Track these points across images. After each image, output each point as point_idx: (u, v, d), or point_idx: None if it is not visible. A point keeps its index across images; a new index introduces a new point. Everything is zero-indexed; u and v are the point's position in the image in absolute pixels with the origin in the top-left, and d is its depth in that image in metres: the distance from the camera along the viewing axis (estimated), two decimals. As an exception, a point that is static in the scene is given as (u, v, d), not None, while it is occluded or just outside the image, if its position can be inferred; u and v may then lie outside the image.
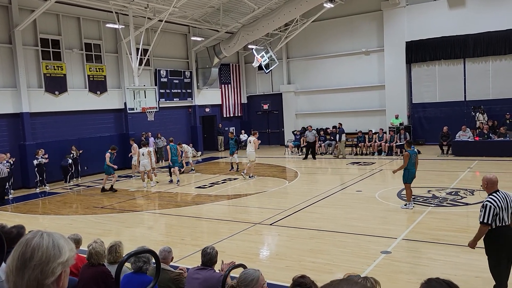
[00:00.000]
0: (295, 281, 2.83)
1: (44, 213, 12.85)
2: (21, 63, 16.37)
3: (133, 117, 20.31)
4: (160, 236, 9.71)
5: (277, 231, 9.49)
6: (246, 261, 5.93)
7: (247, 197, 13.38)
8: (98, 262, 4.56)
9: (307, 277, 2.94)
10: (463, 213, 10.07)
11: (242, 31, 21.94)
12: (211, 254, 4.85)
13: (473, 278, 6.29)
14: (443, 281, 1.96)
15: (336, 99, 25.19)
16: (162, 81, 22.38)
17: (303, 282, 2.81)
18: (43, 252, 1.44)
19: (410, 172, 10.32)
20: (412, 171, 10.34)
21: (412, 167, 10.35)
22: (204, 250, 4.93)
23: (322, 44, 25.42)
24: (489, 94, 21.38)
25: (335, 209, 11.09)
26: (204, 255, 4.86)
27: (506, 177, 14.02)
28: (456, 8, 21.50)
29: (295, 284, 2.78)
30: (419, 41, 22.42)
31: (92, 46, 19.28)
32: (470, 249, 5.67)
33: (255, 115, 28.64)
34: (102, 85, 19.60)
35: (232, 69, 27.51)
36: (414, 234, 8.61)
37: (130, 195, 14.40)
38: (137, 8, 17.38)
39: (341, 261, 7.30)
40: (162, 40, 21.20)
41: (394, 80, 23.07)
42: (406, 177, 10.35)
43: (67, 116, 18.22)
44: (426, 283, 1.99)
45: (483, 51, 21.14)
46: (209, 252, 4.86)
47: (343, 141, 20.75)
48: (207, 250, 4.89)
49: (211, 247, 4.96)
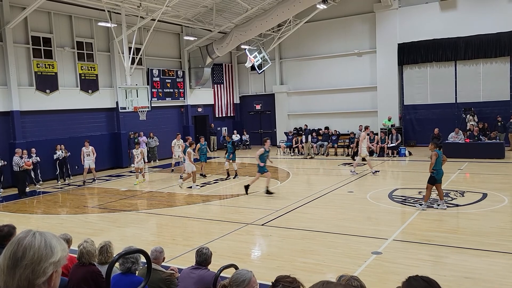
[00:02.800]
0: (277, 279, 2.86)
1: (34, 212, 12.74)
2: (11, 61, 16.22)
3: (125, 117, 20.22)
4: (151, 236, 9.67)
5: (269, 232, 9.50)
6: (237, 261, 5.92)
7: (239, 197, 13.37)
8: (89, 262, 4.54)
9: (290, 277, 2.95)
10: (453, 214, 10.15)
11: (235, 31, 21.93)
12: (207, 254, 4.94)
13: (462, 278, 6.35)
14: (422, 278, 2.01)
15: (328, 100, 25.27)
16: (154, 81, 22.30)
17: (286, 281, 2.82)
18: (35, 251, 1.42)
19: (439, 172, 10.42)
20: (440, 171, 10.46)
21: (440, 167, 10.47)
22: (200, 250, 4.99)
23: (315, 45, 25.49)
24: (479, 97, 21.58)
25: (326, 209, 11.12)
26: (199, 255, 4.93)
27: (496, 178, 14.18)
28: (447, 11, 21.69)
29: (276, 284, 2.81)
30: (411, 43, 22.58)
31: (84, 45, 19.15)
32: (460, 250, 5.73)
33: (247, 115, 28.64)
34: (93, 84, 19.48)
35: (224, 69, 27.49)
36: (405, 235, 8.67)
37: (121, 195, 14.33)
38: (129, 7, 17.30)
39: (332, 262, 7.33)
40: (155, 39, 21.12)
41: (386, 82, 23.21)
42: (435, 178, 10.42)
43: (58, 115, 18.07)
44: (406, 281, 2.03)
45: (474, 53, 21.35)
46: (205, 252, 4.94)
47: (309, 142, 21.45)
48: (203, 251, 4.96)
49: (206, 248, 5.03)
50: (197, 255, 4.97)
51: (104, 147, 19.78)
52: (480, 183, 13.68)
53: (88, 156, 16.71)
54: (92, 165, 16.78)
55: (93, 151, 16.85)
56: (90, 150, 16.77)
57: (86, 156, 16.69)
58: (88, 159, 16.70)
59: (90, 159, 16.72)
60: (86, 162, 16.67)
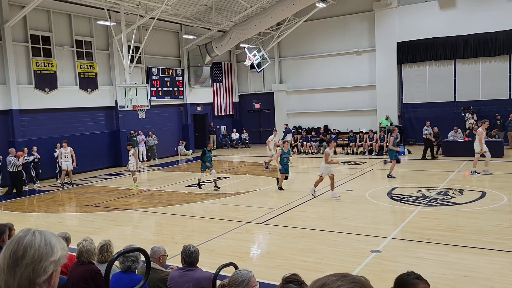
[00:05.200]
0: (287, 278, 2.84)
1: (33, 211, 12.74)
2: (10, 60, 16.19)
3: (124, 115, 20.20)
4: (150, 235, 9.67)
5: (268, 230, 9.50)
6: (237, 260, 5.93)
7: (238, 195, 13.38)
8: (88, 260, 4.54)
9: (298, 275, 2.95)
10: (452, 213, 10.16)
11: (234, 29, 21.91)
12: (195, 252, 4.71)
13: (461, 277, 6.36)
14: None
15: (327, 98, 25.27)
16: (153, 79, 22.28)
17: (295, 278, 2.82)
18: (35, 250, 1.42)
19: None
20: None
21: None
22: (187, 249, 4.72)
23: (314, 44, 25.48)
24: (478, 95, 21.60)
25: (326, 208, 11.13)
26: (188, 255, 4.69)
27: (495, 177, 14.19)
28: (446, 10, 21.69)
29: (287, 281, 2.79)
30: (410, 42, 22.57)
31: (83, 43, 19.13)
32: (459, 248, 5.74)
33: (246, 114, 28.63)
34: (93, 83, 19.45)
35: (224, 68, 27.47)
36: (404, 234, 8.68)
37: (120, 193, 14.32)
38: (128, 6, 17.28)
39: (332, 260, 7.34)
40: (154, 38, 21.09)
41: (385, 80, 23.21)
42: None
43: (57, 113, 18.05)
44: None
45: (473, 52, 21.35)
46: (193, 250, 4.71)
47: (289, 140, 21.13)
48: (191, 249, 4.71)
49: (191, 245, 4.78)
50: (185, 255, 4.70)
51: (103, 145, 19.79)
52: (479, 182, 13.69)
53: (67, 158, 15.83)
54: (70, 167, 15.86)
55: (71, 152, 15.95)
56: (69, 151, 15.91)
57: (64, 157, 15.82)
58: (66, 160, 15.81)
59: (68, 160, 15.84)
60: (64, 164, 15.75)
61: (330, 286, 1.22)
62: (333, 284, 1.20)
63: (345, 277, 1.23)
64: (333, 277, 1.24)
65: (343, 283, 1.20)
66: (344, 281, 1.21)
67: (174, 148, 23.77)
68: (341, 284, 1.20)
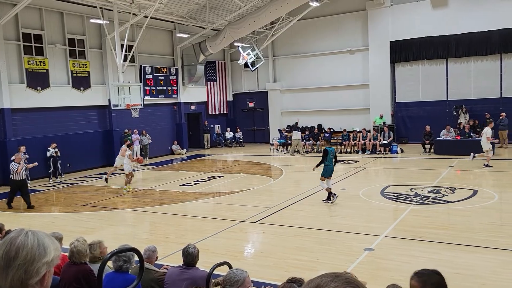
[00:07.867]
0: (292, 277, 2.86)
1: (25, 210, 12.64)
2: (2, 58, 16.04)
3: (117, 114, 20.10)
4: (144, 234, 9.65)
5: (262, 229, 9.52)
6: (230, 259, 5.94)
7: (232, 194, 13.38)
8: (80, 261, 4.52)
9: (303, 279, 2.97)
10: (444, 211, 10.24)
11: (228, 28, 21.88)
12: (194, 253, 4.77)
13: (453, 274, 6.41)
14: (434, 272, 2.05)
15: (321, 97, 25.33)
16: (147, 78, 22.19)
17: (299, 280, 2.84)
18: (28, 251, 1.41)
19: None
20: None
21: None
22: (186, 250, 4.79)
23: (308, 43, 25.52)
24: (470, 94, 21.76)
25: (319, 207, 11.16)
26: (186, 256, 4.75)
27: (486, 175, 14.32)
28: (439, 9, 21.81)
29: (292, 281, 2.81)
30: (403, 41, 22.67)
31: (75, 42, 18.99)
32: (451, 246, 5.78)
33: (240, 113, 28.61)
34: (85, 81, 19.33)
35: (218, 67, 27.42)
36: (397, 232, 8.73)
37: (113, 193, 14.26)
38: (122, 4, 17.17)
39: (325, 259, 7.37)
40: (147, 37, 21.01)
41: (378, 79, 23.30)
42: None
43: (50, 112, 17.91)
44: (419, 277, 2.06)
45: (465, 51, 21.50)
46: (191, 252, 4.76)
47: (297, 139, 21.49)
48: (189, 250, 4.77)
49: (192, 246, 4.85)
50: (184, 256, 4.78)
51: (96, 144, 19.67)
52: (471, 180, 13.80)
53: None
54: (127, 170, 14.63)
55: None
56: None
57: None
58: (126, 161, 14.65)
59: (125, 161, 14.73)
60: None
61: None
62: (327, 286, 1.21)
63: (337, 277, 1.23)
64: (326, 278, 1.24)
65: (337, 284, 1.21)
66: (337, 282, 1.22)
67: (169, 147, 23.71)
68: (335, 285, 1.20)
